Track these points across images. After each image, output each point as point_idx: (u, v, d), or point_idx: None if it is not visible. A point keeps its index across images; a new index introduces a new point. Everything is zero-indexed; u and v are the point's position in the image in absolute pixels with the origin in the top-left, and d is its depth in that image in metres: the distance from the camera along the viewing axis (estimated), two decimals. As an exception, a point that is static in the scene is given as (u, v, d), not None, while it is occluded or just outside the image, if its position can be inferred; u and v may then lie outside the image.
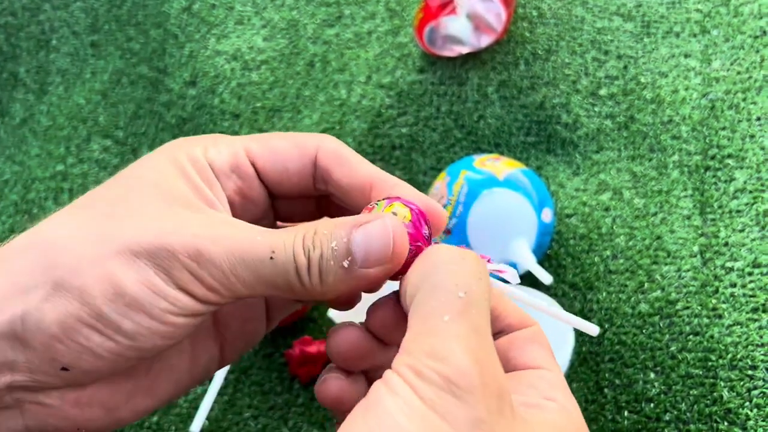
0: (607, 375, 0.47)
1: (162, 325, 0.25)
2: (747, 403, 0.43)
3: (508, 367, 0.27)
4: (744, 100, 0.52)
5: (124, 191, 0.27)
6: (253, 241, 0.25)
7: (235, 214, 0.29)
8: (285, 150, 0.29)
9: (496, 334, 0.28)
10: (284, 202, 0.31)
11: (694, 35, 0.55)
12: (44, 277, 0.24)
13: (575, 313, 0.48)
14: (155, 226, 0.25)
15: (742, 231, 0.48)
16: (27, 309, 0.24)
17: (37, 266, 0.24)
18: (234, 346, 0.31)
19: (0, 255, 0.25)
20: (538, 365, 0.27)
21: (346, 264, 0.25)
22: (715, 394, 0.44)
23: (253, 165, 0.29)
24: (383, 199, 0.28)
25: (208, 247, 0.25)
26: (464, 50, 0.56)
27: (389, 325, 0.27)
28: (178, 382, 0.29)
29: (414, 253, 0.26)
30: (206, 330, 0.30)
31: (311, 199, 0.32)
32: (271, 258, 0.25)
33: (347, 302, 0.29)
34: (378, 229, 0.25)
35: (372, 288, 0.27)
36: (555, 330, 0.43)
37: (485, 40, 0.56)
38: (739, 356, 0.45)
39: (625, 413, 0.45)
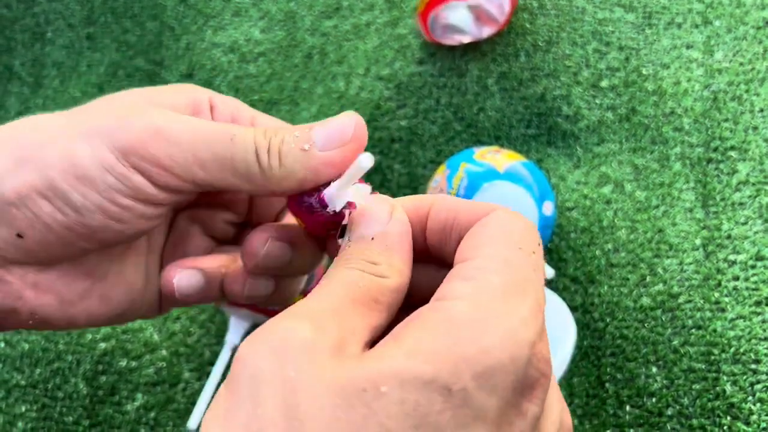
0: (608, 369, 0.46)
1: (109, 203, 0.26)
2: (750, 398, 0.43)
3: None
4: (747, 91, 0.52)
5: (107, 101, 0.29)
6: (213, 125, 0.27)
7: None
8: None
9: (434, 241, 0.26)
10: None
11: (696, 26, 0.55)
12: (10, 153, 0.26)
13: (577, 308, 0.48)
14: (123, 113, 0.26)
15: (744, 224, 0.48)
16: None
17: (6, 146, 0.26)
18: None
19: None
20: (464, 258, 0.23)
21: (306, 147, 0.26)
22: (717, 388, 0.44)
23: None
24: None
25: (169, 125, 0.26)
26: (465, 39, 0.55)
27: None
28: (130, 295, 0.31)
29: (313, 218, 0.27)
30: (157, 259, 0.32)
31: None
32: (231, 139, 0.26)
33: (318, 250, 0.30)
34: (339, 118, 0.27)
35: (331, 175, 0.27)
36: (556, 324, 0.43)
37: (486, 31, 0.55)
38: (742, 350, 0.44)
39: (627, 408, 0.45)
